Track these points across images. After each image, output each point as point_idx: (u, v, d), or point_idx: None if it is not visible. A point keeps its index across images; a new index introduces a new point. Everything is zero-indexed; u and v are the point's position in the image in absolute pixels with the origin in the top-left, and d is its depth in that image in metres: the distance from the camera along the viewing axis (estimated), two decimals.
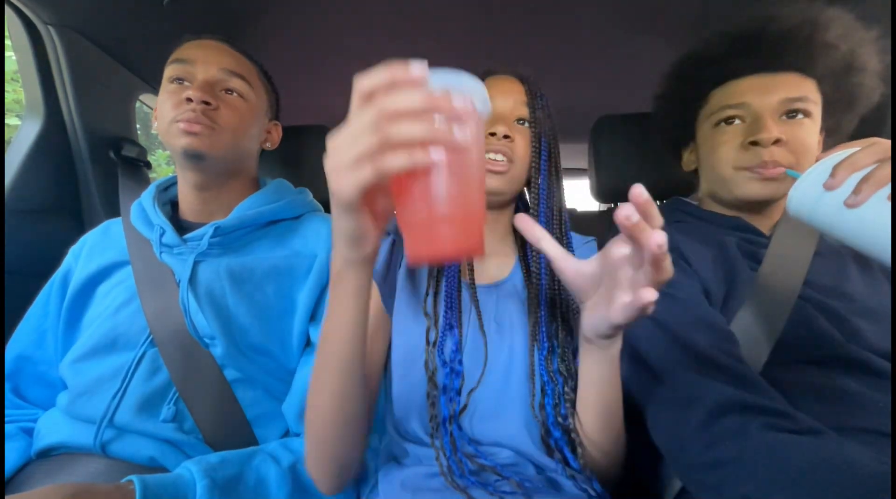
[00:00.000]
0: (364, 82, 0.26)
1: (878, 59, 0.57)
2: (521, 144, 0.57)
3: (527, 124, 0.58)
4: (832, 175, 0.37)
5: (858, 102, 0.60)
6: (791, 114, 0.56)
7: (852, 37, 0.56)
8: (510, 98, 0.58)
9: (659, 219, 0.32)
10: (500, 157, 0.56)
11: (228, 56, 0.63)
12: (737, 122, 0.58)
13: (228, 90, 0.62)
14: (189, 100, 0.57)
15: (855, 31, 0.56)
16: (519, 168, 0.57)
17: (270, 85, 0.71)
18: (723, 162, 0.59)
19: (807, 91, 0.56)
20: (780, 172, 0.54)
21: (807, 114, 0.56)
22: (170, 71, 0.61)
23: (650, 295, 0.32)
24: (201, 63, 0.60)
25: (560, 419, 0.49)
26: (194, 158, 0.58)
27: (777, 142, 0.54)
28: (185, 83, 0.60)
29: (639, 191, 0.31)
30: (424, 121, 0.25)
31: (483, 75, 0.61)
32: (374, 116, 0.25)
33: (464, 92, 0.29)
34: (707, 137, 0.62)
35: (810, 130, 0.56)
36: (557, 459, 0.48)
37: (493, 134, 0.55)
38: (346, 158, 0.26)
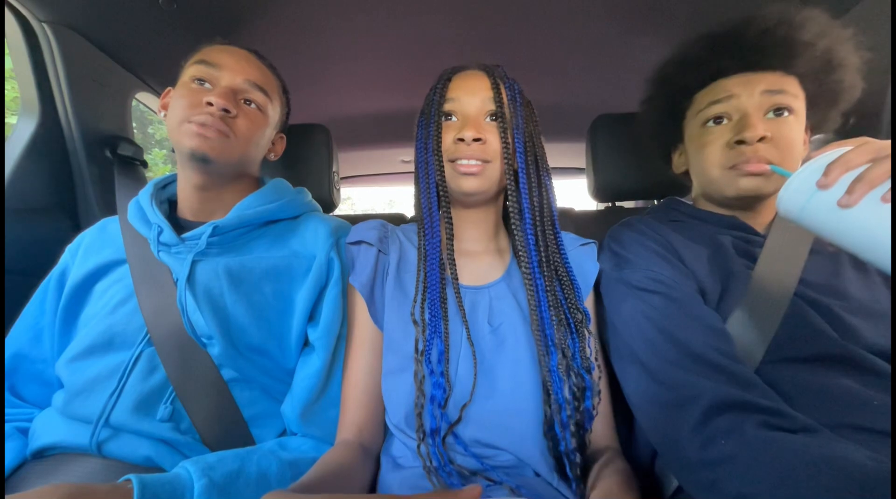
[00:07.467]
0: None
1: (855, 55, 0.58)
2: (496, 142, 0.56)
3: (496, 119, 0.56)
4: (825, 174, 0.36)
5: (841, 98, 0.60)
6: (777, 111, 0.56)
7: (829, 35, 0.57)
8: (477, 96, 0.56)
9: None
10: (472, 161, 0.55)
11: (256, 68, 0.63)
12: (724, 121, 0.59)
13: (248, 101, 0.61)
14: (209, 104, 0.57)
15: (831, 29, 0.57)
16: (497, 165, 0.56)
17: (286, 99, 0.72)
18: (710, 162, 0.59)
19: (789, 87, 0.56)
20: (764, 168, 0.54)
21: (790, 110, 0.56)
22: (193, 70, 0.60)
23: None
24: (228, 70, 0.60)
25: (576, 437, 0.49)
26: (201, 160, 0.58)
27: (762, 139, 0.55)
28: (207, 86, 0.60)
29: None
30: None
31: (451, 72, 0.60)
32: None
33: None
34: (694, 137, 0.63)
35: (794, 127, 0.56)
36: (575, 489, 0.48)
37: (461, 139, 0.54)
38: None
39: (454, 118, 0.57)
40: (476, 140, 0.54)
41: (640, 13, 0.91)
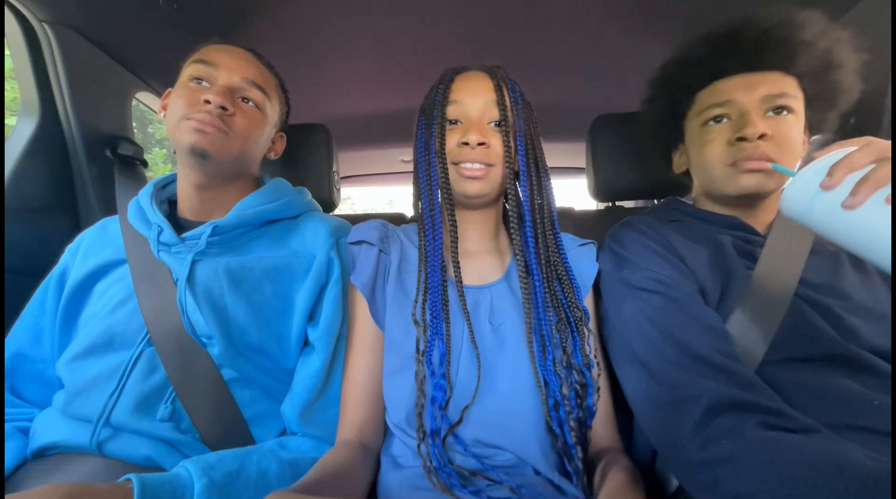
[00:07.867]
0: None
1: (854, 57, 0.59)
2: (499, 145, 0.56)
3: (500, 125, 0.57)
4: (829, 174, 0.36)
5: (839, 99, 0.61)
6: (777, 110, 0.57)
7: (828, 35, 0.57)
8: (480, 99, 0.57)
9: None
10: (476, 165, 0.55)
11: (253, 66, 0.63)
12: (724, 120, 0.59)
13: (245, 99, 0.62)
14: (207, 102, 0.57)
15: (831, 30, 0.57)
16: (500, 169, 0.57)
17: (285, 98, 0.72)
18: (711, 160, 0.60)
19: (788, 88, 0.57)
20: (764, 164, 0.55)
21: (790, 110, 0.57)
22: (191, 70, 0.61)
23: None
24: (225, 68, 0.60)
25: (576, 432, 0.49)
26: (200, 156, 0.58)
27: (762, 137, 0.55)
28: (204, 84, 0.60)
29: None
30: None
31: (454, 73, 0.60)
32: None
33: None
34: (695, 136, 0.63)
35: (794, 126, 0.57)
36: (577, 484, 0.48)
37: (466, 143, 0.54)
38: None
39: (458, 123, 0.58)
40: (480, 144, 0.54)
41: (640, 13, 0.91)
